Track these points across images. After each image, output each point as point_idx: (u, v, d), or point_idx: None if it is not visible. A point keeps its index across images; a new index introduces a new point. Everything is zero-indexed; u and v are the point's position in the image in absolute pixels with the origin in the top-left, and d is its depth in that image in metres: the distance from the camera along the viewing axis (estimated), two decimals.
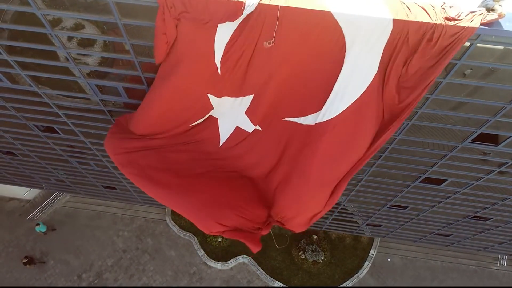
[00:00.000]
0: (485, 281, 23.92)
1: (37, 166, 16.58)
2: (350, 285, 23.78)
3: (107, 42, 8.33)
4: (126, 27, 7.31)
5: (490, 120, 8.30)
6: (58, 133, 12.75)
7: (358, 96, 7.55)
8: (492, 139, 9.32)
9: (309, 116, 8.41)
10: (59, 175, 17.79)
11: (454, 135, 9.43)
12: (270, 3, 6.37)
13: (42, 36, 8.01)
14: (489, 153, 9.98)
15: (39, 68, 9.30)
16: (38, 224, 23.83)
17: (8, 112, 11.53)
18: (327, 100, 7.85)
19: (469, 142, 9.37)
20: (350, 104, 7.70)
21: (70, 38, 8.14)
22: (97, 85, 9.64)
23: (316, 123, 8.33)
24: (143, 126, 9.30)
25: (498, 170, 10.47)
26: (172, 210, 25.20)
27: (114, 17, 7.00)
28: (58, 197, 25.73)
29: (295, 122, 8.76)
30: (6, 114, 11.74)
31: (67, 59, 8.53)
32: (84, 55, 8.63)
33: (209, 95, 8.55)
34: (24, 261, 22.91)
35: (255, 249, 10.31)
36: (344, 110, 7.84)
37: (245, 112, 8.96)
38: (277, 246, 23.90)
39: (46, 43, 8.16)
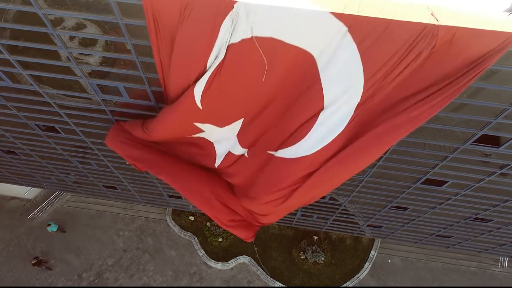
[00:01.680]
0: (486, 282, 23.89)
1: (38, 165, 16.60)
2: (350, 285, 23.76)
3: (108, 41, 8.33)
4: (127, 27, 7.32)
5: (492, 122, 8.28)
6: (59, 133, 12.77)
7: (337, 134, 7.71)
8: (493, 140, 9.30)
9: (289, 149, 8.60)
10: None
11: (455, 137, 9.41)
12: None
13: (43, 35, 8.01)
14: (491, 155, 9.96)
15: (41, 67, 9.31)
16: (49, 224, 23.91)
17: (9, 111, 11.54)
18: (307, 135, 8.03)
19: (470, 144, 9.35)
20: (329, 141, 7.89)
21: (71, 38, 8.14)
22: (98, 85, 9.65)
23: (295, 158, 8.59)
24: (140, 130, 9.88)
25: (499, 172, 10.45)
26: (172, 210, 25.20)
27: (116, 17, 7.00)
28: (59, 197, 25.77)
29: (278, 157, 8.98)
30: (7, 114, 11.75)
31: (69, 59, 8.53)
32: (85, 54, 8.63)
33: (195, 123, 9.01)
34: (33, 262, 22.96)
35: (250, 238, 12.09)
36: (322, 148, 8.06)
37: (236, 135, 9.41)
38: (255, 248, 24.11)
39: (48, 42, 8.17)
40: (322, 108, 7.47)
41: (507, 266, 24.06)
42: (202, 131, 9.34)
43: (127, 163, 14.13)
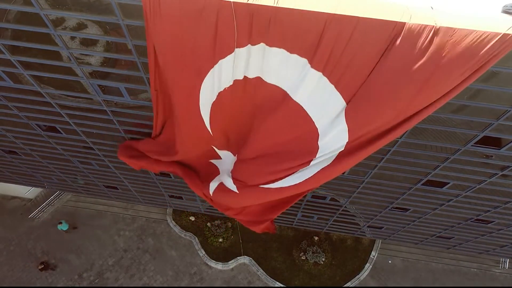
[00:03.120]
0: (487, 284, 23.85)
1: (39, 165, 16.61)
2: (351, 286, 23.73)
3: (109, 41, 8.32)
4: (128, 27, 7.31)
5: (493, 124, 8.26)
6: (60, 133, 12.77)
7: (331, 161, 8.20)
8: (494, 142, 9.28)
9: (281, 181, 9.20)
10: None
11: (456, 138, 9.39)
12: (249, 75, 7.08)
13: (44, 35, 8.01)
14: (492, 156, 9.94)
15: (42, 67, 9.31)
16: (60, 223, 23.93)
17: (10, 111, 11.55)
18: (306, 167, 8.53)
19: (471, 145, 9.33)
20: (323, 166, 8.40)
21: (72, 37, 8.14)
22: (99, 85, 9.65)
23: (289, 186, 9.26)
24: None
25: (500, 173, 10.43)
26: (173, 210, 25.20)
27: (117, 17, 7.00)
28: (59, 196, 25.79)
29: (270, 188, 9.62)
30: (8, 114, 11.76)
31: (70, 59, 8.53)
32: (86, 54, 8.63)
33: (213, 146, 9.81)
34: (40, 267, 22.95)
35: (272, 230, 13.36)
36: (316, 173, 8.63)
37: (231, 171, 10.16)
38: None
39: (49, 42, 8.16)
40: (317, 150, 7.94)
41: (508, 267, 24.01)
42: (219, 157, 10.17)
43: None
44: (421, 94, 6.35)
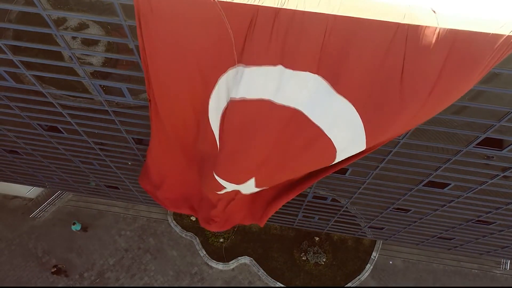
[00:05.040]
0: (487, 285, 23.82)
1: (40, 165, 16.63)
2: (352, 286, 23.72)
3: (111, 41, 8.33)
4: (130, 27, 7.31)
5: (495, 125, 8.25)
6: (62, 133, 12.79)
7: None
8: (496, 143, 9.27)
9: None
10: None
11: (458, 139, 9.38)
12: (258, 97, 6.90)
13: (46, 35, 8.02)
14: (493, 157, 9.93)
15: (43, 67, 9.32)
16: (74, 223, 24.11)
17: (12, 111, 11.56)
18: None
19: (473, 147, 9.32)
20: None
21: (74, 37, 8.14)
22: (100, 85, 9.65)
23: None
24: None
25: (502, 174, 10.41)
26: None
27: (119, 17, 7.00)
28: (60, 196, 25.82)
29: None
30: (10, 113, 11.78)
31: (71, 59, 8.54)
32: (88, 54, 8.63)
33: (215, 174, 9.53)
34: (53, 270, 22.99)
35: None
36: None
37: (256, 186, 9.97)
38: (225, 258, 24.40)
39: (51, 42, 8.17)
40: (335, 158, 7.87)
41: (509, 268, 23.98)
42: (224, 187, 9.97)
43: (129, 163, 14.15)
44: (431, 97, 6.28)
